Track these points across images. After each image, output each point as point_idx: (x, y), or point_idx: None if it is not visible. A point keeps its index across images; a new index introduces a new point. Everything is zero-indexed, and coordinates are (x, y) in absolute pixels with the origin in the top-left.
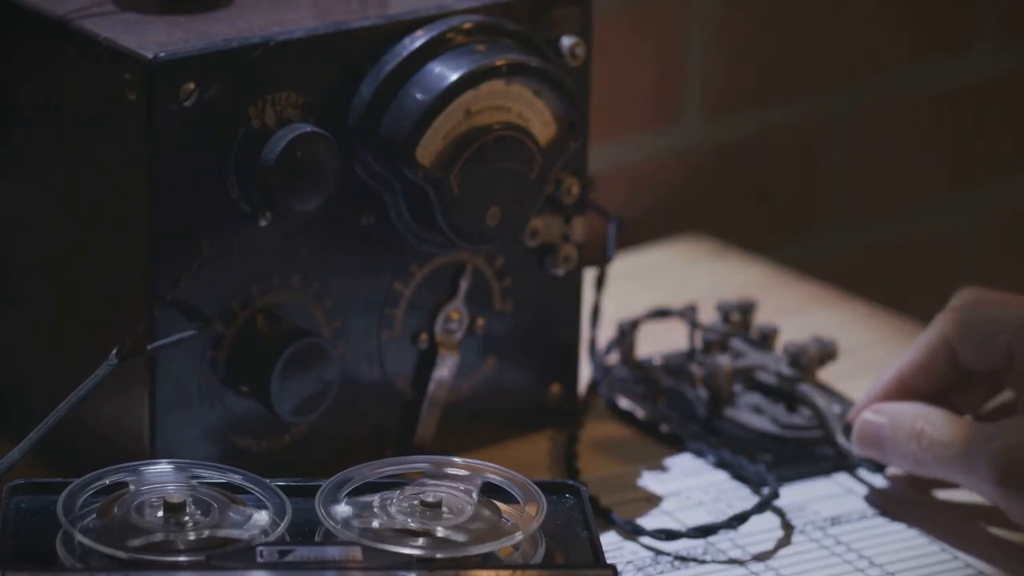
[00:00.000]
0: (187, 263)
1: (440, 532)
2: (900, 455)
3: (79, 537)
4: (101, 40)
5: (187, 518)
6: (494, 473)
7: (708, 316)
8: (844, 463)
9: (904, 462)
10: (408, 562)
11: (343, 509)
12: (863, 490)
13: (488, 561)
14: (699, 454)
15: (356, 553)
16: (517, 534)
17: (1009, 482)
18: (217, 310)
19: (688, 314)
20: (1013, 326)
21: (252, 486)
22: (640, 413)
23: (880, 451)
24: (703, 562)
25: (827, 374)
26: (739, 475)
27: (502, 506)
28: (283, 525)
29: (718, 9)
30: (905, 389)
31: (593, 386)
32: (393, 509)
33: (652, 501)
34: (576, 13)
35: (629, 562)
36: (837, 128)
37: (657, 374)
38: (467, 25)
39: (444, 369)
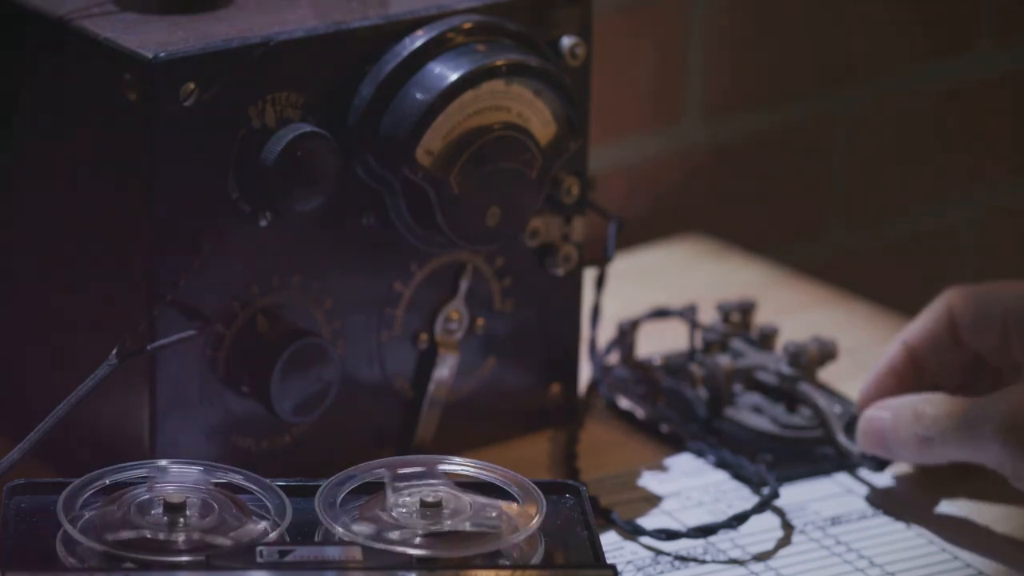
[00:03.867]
0: (187, 263)
1: (440, 532)
2: (903, 442)
3: (79, 537)
4: (101, 40)
5: (187, 518)
6: (494, 473)
7: (708, 316)
8: (844, 463)
9: (908, 449)
10: (408, 562)
11: (343, 509)
12: (863, 490)
13: (488, 561)
14: (699, 454)
15: (356, 553)
16: (517, 534)
17: (1018, 442)
18: (217, 310)
19: (688, 314)
20: (1009, 299)
21: (252, 486)
22: (640, 413)
23: (883, 445)
24: (703, 562)
25: (827, 374)
26: (739, 475)
27: (502, 506)
28: (283, 525)
29: (718, 9)
30: (911, 362)
31: (593, 386)
32: (393, 509)
33: (652, 501)
34: (576, 13)
35: (629, 562)
36: (837, 128)
37: (657, 374)
38: (467, 25)
39: (444, 369)
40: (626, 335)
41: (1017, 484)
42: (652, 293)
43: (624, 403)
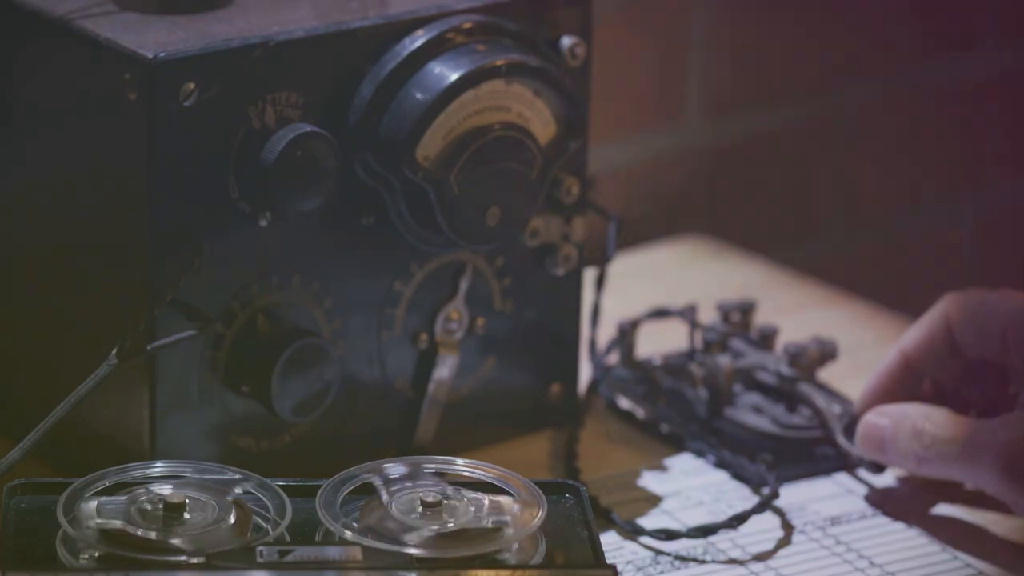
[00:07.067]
0: (187, 263)
1: (440, 532)
2: (902, 455)
3: (79, 537)
4: (101, 40)
5: (187, 518)
6: (494, 473)
7: (708, 316)
8: (844, 463)
9: (906, 462)
10: (408, 562)
11: (343, 509)
12: (863, 490)
13: (488, 561)
14: (699, 454)
15: (356, 553)
16: (517, 534)
17: (1015, 473)
18: (217, 310)
19: (688, 314)
20: (1008, 314)
21: (252, 486)
22: (640, 413)
23: (882, 453)
24: (703, 562)
25: (827, 374)
26: (739, 475)
27: (502, 506)
28: (283, 525)
29: (718, 9)
30: (909, 370)
31: (593, 386)
32: (393, 509)
33: (652, 501)
34: (576, 13)
35: (629, 562)
36: (837, 128)
37: (657, 374)
38: (467, 25)
39: (444, 369)
40: (626, 335)
41: (1018, 511)
42: (652, 293)
43: (624, 403)
